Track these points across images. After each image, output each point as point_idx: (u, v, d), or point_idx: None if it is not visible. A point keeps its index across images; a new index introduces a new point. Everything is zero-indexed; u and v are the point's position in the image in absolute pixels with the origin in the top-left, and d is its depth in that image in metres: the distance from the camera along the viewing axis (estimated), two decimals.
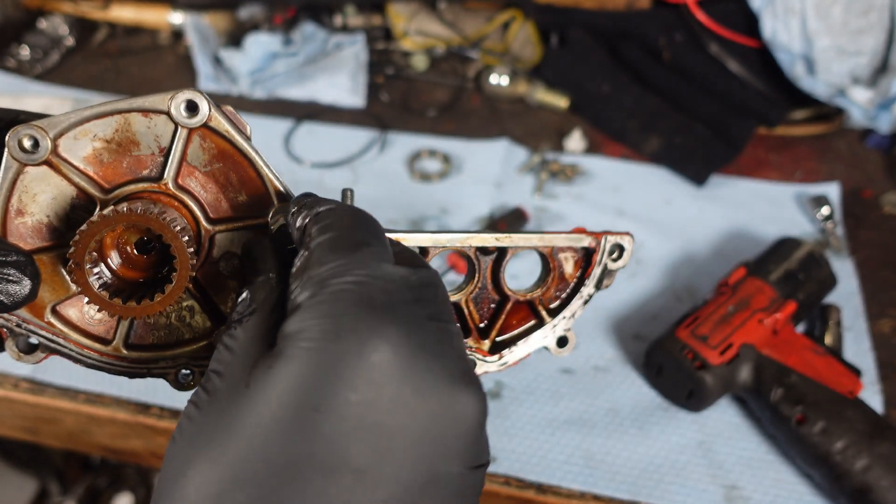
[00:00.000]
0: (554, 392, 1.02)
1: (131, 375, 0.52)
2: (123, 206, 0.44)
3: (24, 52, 1.67)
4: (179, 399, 1.01)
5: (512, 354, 0.62)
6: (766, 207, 1.32)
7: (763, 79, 1.51)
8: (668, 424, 0.99)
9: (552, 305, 0.63)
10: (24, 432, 1.13)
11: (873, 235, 1.26)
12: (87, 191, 0.47)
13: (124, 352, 0.51)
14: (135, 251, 0.48)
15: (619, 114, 1.46)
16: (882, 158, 1.43)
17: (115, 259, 0.48)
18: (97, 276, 0.45)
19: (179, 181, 0.49)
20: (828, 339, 1.06)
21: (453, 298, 0.59)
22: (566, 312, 0.63)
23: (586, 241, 0.61)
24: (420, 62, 1.65)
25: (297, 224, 0.45)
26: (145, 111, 0.47)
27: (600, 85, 1.50)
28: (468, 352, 0.59)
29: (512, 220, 1.24)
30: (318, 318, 0.38)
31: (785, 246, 1.10)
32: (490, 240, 0.57)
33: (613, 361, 1.07)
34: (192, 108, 0.47)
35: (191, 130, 0.48)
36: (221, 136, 0.49)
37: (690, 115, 1.44)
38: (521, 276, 0.62)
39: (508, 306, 0.61)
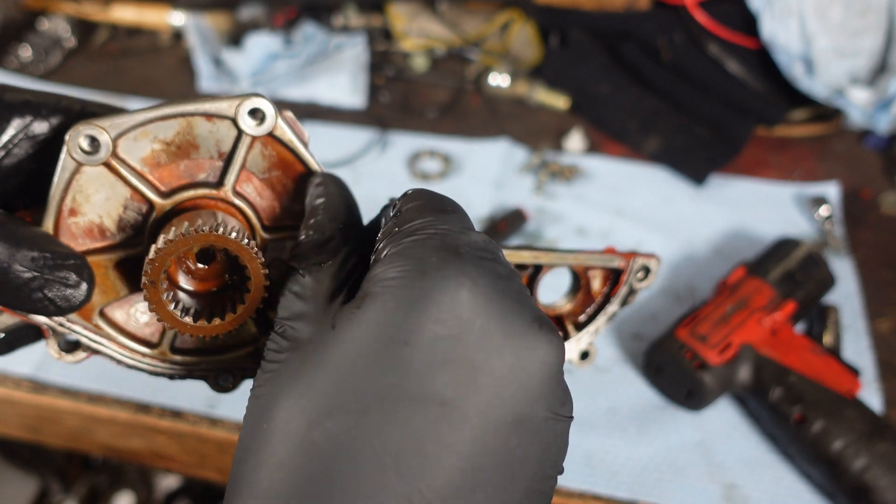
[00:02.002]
0: None
1: (171, 377, 0.51)
2: (202, 226, 0.42)
3: (26, 52, 1.67)
4: (180, 399, 1.02)
5: None
6: (766, 207, 1.32)
7: (762, 79, 1.51)
8: (667, 424, 0.99)
9: (578, 320, 0.65)
10: (26, 431, 1.13)
11: (872, 235, 1.27)
12: (145, 194, 0.46)
13: (169, 355, 0.51)
14: (197, 263, 0.47)
15: (619, 114, 1.46)
16: (880, 159, 1.43)
17: (180, 273, 0.47)
18: (168, 293, 0.44)
19: (237, 187, 0.48)
20: (827, 339, 1.06)
21: None
22: (590, 328, 0.64)
23: (617, 262, 0.62)
24: (420, 63, 1.65)
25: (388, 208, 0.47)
26: (210, 115, 0.45)
27: (600, 85, 1.51)
28: None
29: (512, 220, 1.24)
30: (404, 260, 0.39)
31: (784, 246, 1.10)
32: (528, 257, 0.58)
33: (613, 361, 1.07)
34: (257, 115, 0.46)
35: (254, 139, 0.47)
36: (284, 144, 0.47)
37: (690, 115, 1.44)
38: None
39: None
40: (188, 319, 0.44)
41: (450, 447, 0.36)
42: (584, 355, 0.65)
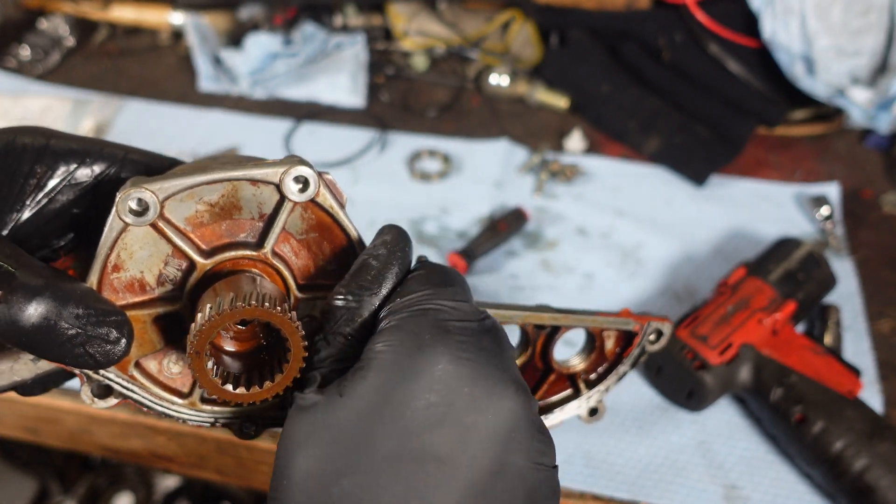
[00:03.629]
0: None
1: (199, 424, 0.53)
2: (249, 299, 0.44)
3: (25, 52, 1.67)
4: None
5: (547, 420, 0.66)
6: (766, 207, 1.32)
7: (763, 79, 1.51)
8: (667, 424, 0.99)
9: (589, 378, 0.68)
10: (25, 432, 1.13)
11: (873, 235, 1.27)
12: (187, 253, 0.48)
13: (199, 405, 0.52)
14: (236, 325, 0.49)
15: (619, 114, 1.46)
16: (881, 158, 1.43)
17: (221, 334, 0.49)
18: (210, 360, 0.46)
19: (275, 248, 0.50)
20: (827, 339, 1.06)
21: None
22: (601, 386, 0.67)
23: (631, 326, 0.65)
24: (420, 62, 1.65)
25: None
26: (255, 181, 0.47)
27: (600, 85, 1.50)
28: None
29: (512, 219, 1.24)
30: (402, 335, 0.45)
31: (784, 246, 1.10)
32: (547, 319, 0.61)
33: None
34: (301, 182, 0.47)
35: (295, 203, 0.48)
36: (324, 210, 0.49)
37: (690, 115, 1.44)
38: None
39: (552, 377, 0.66)
40: (229, 387, 0.47)
41: (447, 495, 0.42)
42: (594, 412, 0.68)
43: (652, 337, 0.67)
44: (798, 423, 0.91)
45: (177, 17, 1.70)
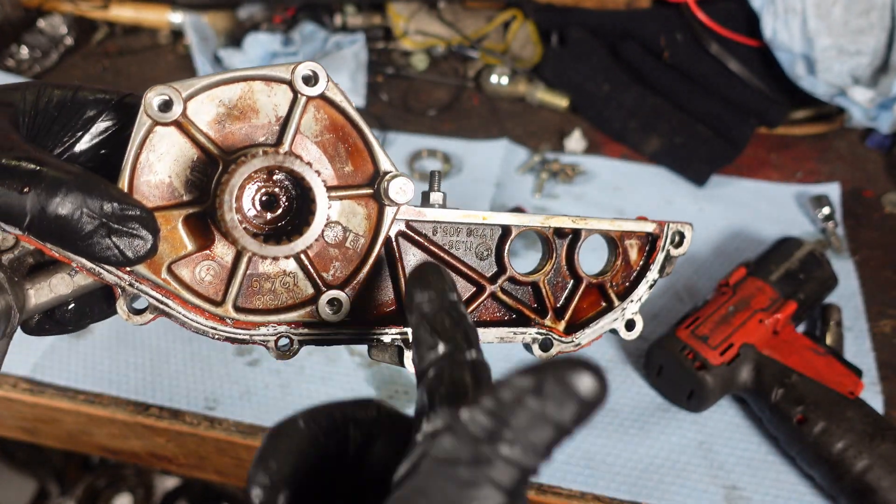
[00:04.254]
0: None
1: (234, 340, 0.53)
2: (276, 153, 0.46)
3: (23, 51, 1.66)
4: (178, 400, 1.01)
5: (584, 336, 0.65)
6: (767, 207, 1.32)
7: (763, 78, 1.50)
8: (668, 425, 0.98)
9: (621, 288, 0.66)
10: (24, 433, 1.13)
11: (874, 235, 1.26)
12: (211, 151, 0.50)
13: (233, 313, 0.53)
14: (262, 210, 0.51)
15: (619, 114, 1.46)
16: (882, 158, 1.43)
17: (246, 218, 0.51)
18: (240, 220, 0.48)
19: (293, 150, 0.51)
20: (828, 340, 1.05)
21: (532, 278, 0.62)
22: (633, 296, 0.66)
23: (651, 227, 0.65)
24: (420, 62, 1.65)
25: (428, 401, 0.43)
26: (268, 79, 0.50)
27: (600, 85, 1.50)
28: (545, 330, 0.62)
29: None
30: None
31: (785, 246, 1.10)
32: (567, 221, 0.61)
33: (613, 361, 1.06)
34: (311, 78, 0.50)
35: (308, 99, 0.51)
36: (335, 106, 0.52)
37: (691, 114, 1.44)
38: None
39: (581, 288, 0.64)
40: (260, 238, 0.48)
41: None
42: (630, 325, 0.66)
43: (675, 240, 0.65)
44: (799, 424, 0.90)
45: (176, 17, 1.69)
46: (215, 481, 1.12)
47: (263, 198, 0.50)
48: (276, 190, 0.50)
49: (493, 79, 1.56)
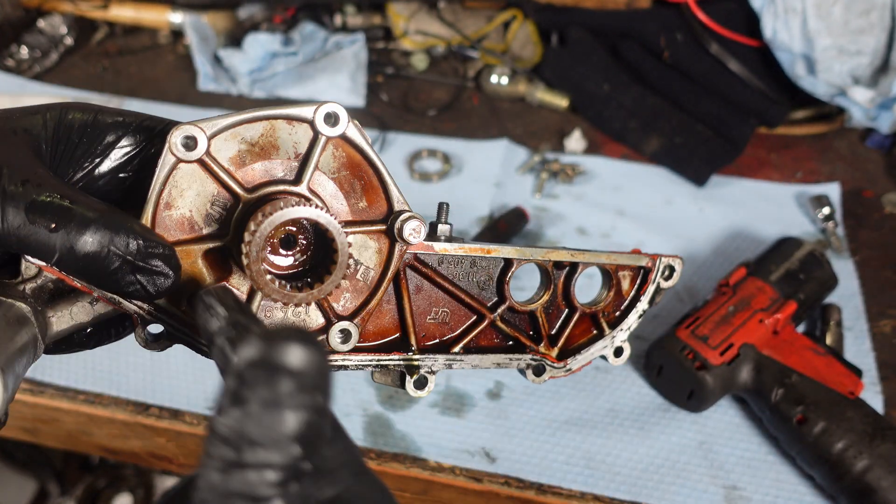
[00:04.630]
0: (554, 392, 1.02)
1: None
2: (300, 204, 0.48)
3: (23, 51, 1.66)
4: (178, 400, 1.01)
5: (576, 362, 0.68)
6: (767, 207, 1.32)
7: (764, 78, 1.50)
8: (668, 425, 0.98)
9: (612, 318, 0.70)
10: (24, 432, 1.13)
11: (874, 235, 1.26)
12: (233, 189, 0.51)
13: None
14: (281, 249, 0.53)
15: (619, 114, 1.46)
16: (883, 158, 1.43)
17: (268, 258, 0.52)
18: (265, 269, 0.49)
19: (311, 186, 0.53)
20: (828, 340, 1.05)
21: (530, 308, 0.66)
22: (623, 325, 0.70)
23: (644, 261, 0.69)
24: (420, 62, 1.65)
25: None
26: (291, 118, 0.51)
27: (600, 85, 1.50)
28: (538, 357, 0.66)
29: (512, 219, 1.24)
30: None
31: (785, 246, 1.10)
32: (566, 255, 0.64)
33: None
34: (332, 119, 0.51)
35: (328, 139, 0.52)
36: (353, 145, 0.53)
37: (691, 114, 1.44)
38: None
39: (575, 317, 0.68)
40: (283, 286, 0.49)
41: None
42: (619, 352, 0.71)
43: (665, 273, 0.70)
44: (799, 424, 0.90)
45: (176, 17, 1.69)
46: None
47: (282, 237, 0.52)
48: (295, 229, 0.52)
49: (493, 79, 1.56)
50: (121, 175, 0.52)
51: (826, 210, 1.27)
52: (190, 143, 0.49)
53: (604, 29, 1.61)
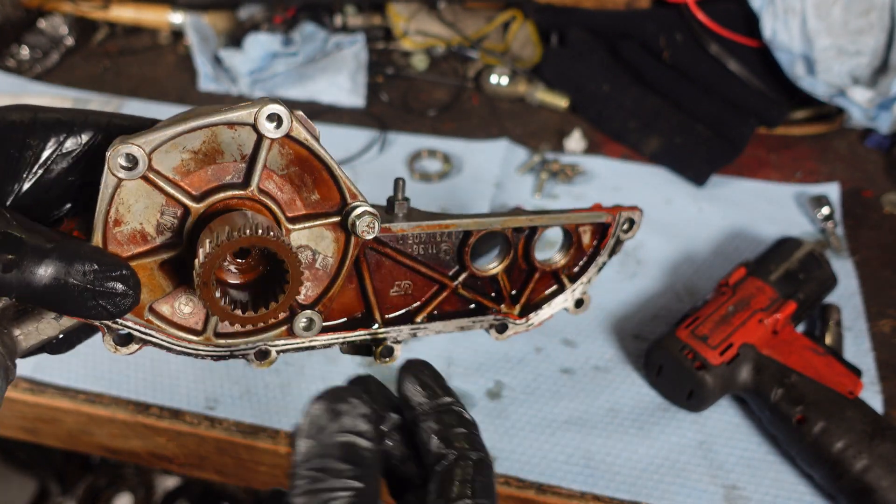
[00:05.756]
0: (554, 392, 1.02)
1: (216, 358, 0.57)
2: (243, 229, 0.47)
3: (24, 51, 1.67)
4: (178, 400, 1.01)
5: (537, 317, 0.70)
6: (767, 207, 1.32)
7: (763, 79, 1.51)
8: (668, 424, 0.99)
9: (572, 272, 0.71)
10: (24, 432, 1.13)
11: (873, 235, 1.26)
12: (179, 199, 0.50)
13: (214, 340, 0.56)
14: (236, 259, 0.53)
15: (619, 114, 1.46)
16: (882, 158, 1.43)
17: (223, 270, 0.53)
18: (217, 290, 0.50)
19: (261, 185, 0.52)
20: (828, 339, 1.06)
21: (490, 273, 0.67)
22: (584, 278, 0.71)
23: (604, 218, 0.69)
24: (420, 62, 1.65)
25: (437, 448, 0.49)
26: (232, 124, 0.50)
27: (600, 85, 1.50)
28: (500, 316, 0.68)
29: None
30: None
31: (785, 246, 1.10)
32: (524, 220, 0.64)
33: (613, 361, 1.06)
34: (275, 119, 0.50)
35: (272, 140, 0.51)
36: (300, 143, 0.52)
37: (691, 115, 1.44)
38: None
39: (536, 276, 0.69)
40: (238, 312, 0.50)
41: None
42: (579, 303, 0.72)
43: (625, 226, 0.71)
44: (798, 424, 0.90)
45: (176, 17, 1.70)
46: (215, 481, 1.12)
47: (235, 251, 0.52)
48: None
49: (493, 79, 1.56)
50: (70, 178, 0.50)
51: (825, 210, 1.27)
52: (130, 162, 0.47)
53: (604, 29, 1.61)
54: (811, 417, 0.90)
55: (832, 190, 1.33)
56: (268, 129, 0.50)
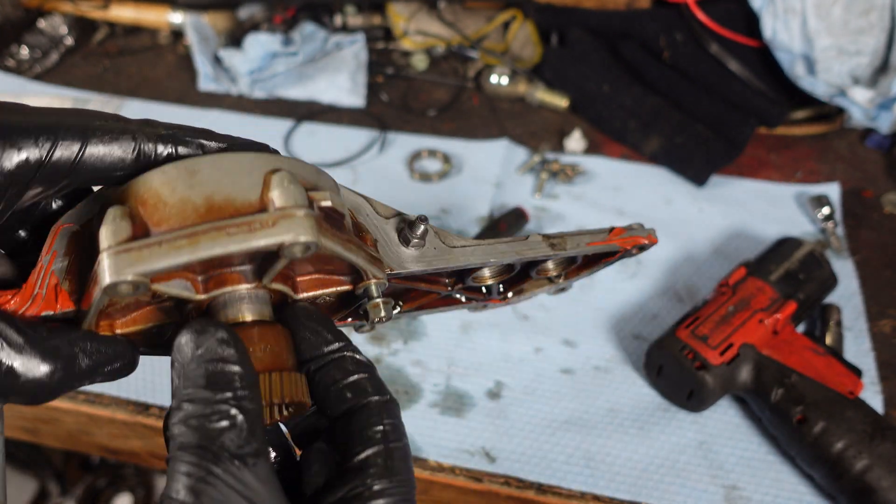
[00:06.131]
0: (554, 392, 1.02)
1: None
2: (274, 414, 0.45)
3: (24, 51, 1.67)
4: None
5: (517, 298, 0.71)
6: (767, 207, 1.32)
7: (763, 79, 1.50)
8: (668, 425, 0.98)
9: (569, 277, 0.72)
10: (24, 432, 1.13)
11: (874, 235, 1.26)
12: (183, 297, 0.45)
13: None
14: None
15: (619, 114, 1.46)
16: (882, 158, 1.43)
17: None
18: None
19: (271, 284, 0.47)
20: (828, 340, 1.05)
21: (489, 282, 0.66)
22: (575, 280, 0.72)
23: (617, 248, 0.68)
24: (420, 62, 1.65)
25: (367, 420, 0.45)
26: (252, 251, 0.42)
27: (600, 84, 1.50)
28: (482, 304, 0.69)
29: (512, 219, 1.24)
30: None
31: (785, 246, 1.10)
32: (542, 253, 0.62)
33: (613, 361, 1.06)
34: (306, 248, 0.42)
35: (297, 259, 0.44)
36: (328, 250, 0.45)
37: (691, 115, 1.44)
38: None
39: (532, 278, 0.70)
40: None
41: None
42: (561, 290, 0.73)
43: (635, 252, 0.70)
44: (799, 424, 0.90)
45: (176, 17, 1.70)
46: None
47: None
48: None
49: (493, 79, 1.56)
50: (44, 207, 0.47)
51: (826, 210, 1.27)
52: (128, 291, 0.40)
53: (604, 29, 1.61)
54: (811, 417, 0.90)
55: (832, 190, 1.33)
56: (293, 253, 0.42)
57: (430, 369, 1.05)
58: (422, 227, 0.56)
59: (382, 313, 0.52)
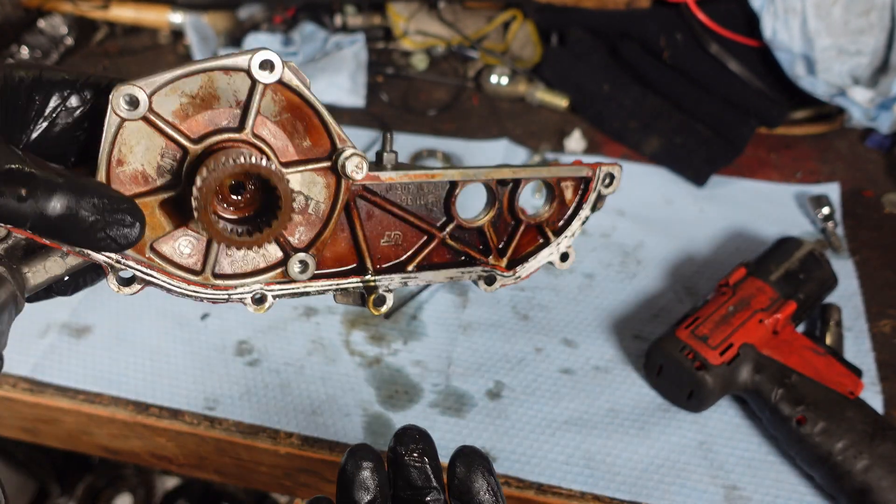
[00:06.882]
0: (554, 392, 1.02)
1: (215, 301, 0.60)
2: (240, 157, 0.51)
3: (24, 51, 1.67)
4: (178, 400, 1.01)
5: (524, 269, 0.73)
6: (767, 207, 1.32)
7: (763, 79, 1.50)
8: (668, 425, 0.98)
9: (556, 227, 0.74)
10: (24, 432, 1.13)
11: (874, 235, 1.26)
12: (178, 141, 0.53)
13: (212, 280, 0.59)
14: (231, 195, 0.55)
15: (619, 114, 1.46)
16: (882, 158, 1.43)
17: (218, 206, 0.55)
18: (214, 218, 0.53)
19: (255, 130, 0.55)
20: (828, 340, 1.05)
21: (476, 224, 0.70)
22: (567, 232, 0.74)
23: (584, 172, 0.72)
24: (420, 62, 1.65)
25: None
26: (227, 69, 0.53)
27: (600, 84, 1.50)
28: (489, 268, 0.71)
29: None
30: None
31: (785, 246, 1.10)
32: (508, 173, 0.67)
33: (613, 361, 1.06)
34: (268, 66, 0.53)
35: (266, 85, 0.54)
36: (291, 90, 0.55)
37: (691, 115, 1.44)
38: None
39: (521, 229, 0.72)
40: (235, 235, 0.53)
41: None
42: (565, 257, 0.75)
43: (606, 181, 0.74)
44: (799, 424, 0.90)
45: (176, 17, 1.70)
46: (215, 481, 1.12)
47: (231, 184, 0.55)
48: (243, 176, 0.55)
49: (493, 79, 1.56)
50: (74, 133, 0.53)
51: (826, 210, 1.27)
52: (132, 103, 0.50)
53: (604, 29, 1.61)
54: (811, 418, 0.90)
55: (832, 190, 1.33)
56: (261, 74, 0.53)
57: (430, 369, 1.05)
58: (388, 135, 0.64)
59: (359, 164, 0.58)
